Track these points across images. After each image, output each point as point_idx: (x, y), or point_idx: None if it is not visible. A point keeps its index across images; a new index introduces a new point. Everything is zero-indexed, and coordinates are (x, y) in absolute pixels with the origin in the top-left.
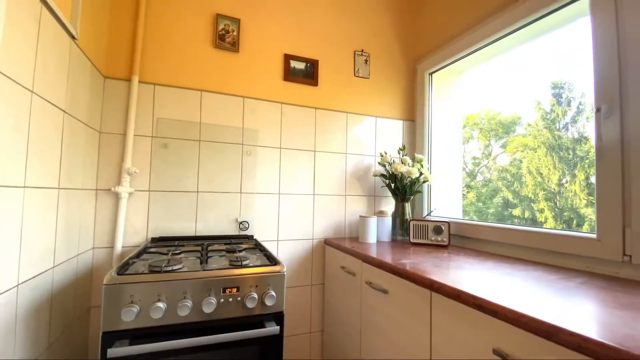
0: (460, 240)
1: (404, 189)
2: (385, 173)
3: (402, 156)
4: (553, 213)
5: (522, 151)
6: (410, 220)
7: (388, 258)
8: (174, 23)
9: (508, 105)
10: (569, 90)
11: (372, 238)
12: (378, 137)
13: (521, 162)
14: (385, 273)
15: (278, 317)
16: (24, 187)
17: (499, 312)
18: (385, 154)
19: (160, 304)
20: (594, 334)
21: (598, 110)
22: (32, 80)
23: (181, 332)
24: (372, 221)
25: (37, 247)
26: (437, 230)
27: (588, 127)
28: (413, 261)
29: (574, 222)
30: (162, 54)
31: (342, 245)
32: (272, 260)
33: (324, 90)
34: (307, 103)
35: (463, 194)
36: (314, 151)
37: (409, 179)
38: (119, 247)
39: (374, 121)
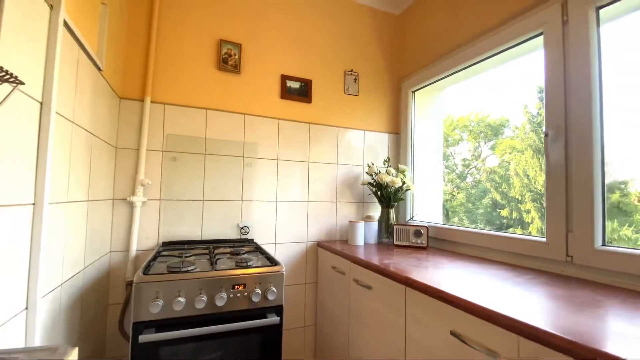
0: (438, 242)
1: (388, 196)
2: (372, 182)
3: (387, 167)
4: (539, 214)
5: (510, 153)
6: (394, 224)
7: (373, 259)
8: (181, 48)
9: (497, 108)
10: None
11: (360, 241)
12: (366, 148)
13: (509, 163)
14: (370, 272)
15: (278, 310)
16: (67, 202)
17: (454, 301)
18: (372, 164)
19: (181, 299)
20: (522, 317)
21: (546, 135)
22: (73, 113)
23: (198, 322)
24: (360, 225)
25: (74, 252)
26: (417, 233)
27: None
28: (394, 261)
29: None
30: (171, 76)
31: (333, 247)
32: (272, 262)
33: (317, 107)
34: (302, 119)
35: (454, 195)
36: (308, 162)
37: (393, 188)
38: (133, 250)
39: (362, 134)
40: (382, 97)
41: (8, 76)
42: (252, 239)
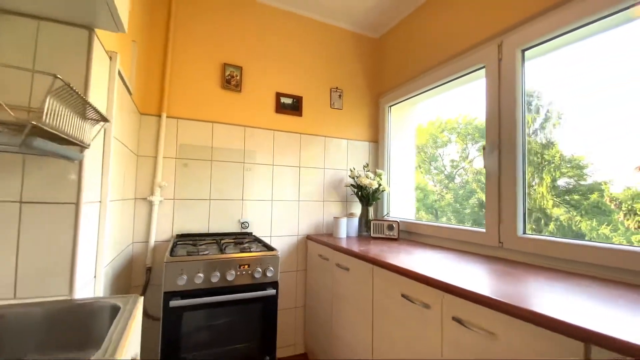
0: (408, 234)
1: (367, 196)
2: (354, 184)
3: (366, 171)
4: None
5: None
6: (372, 220)
7: (352, 247)
8: (191, 71)
9: (484, 111)
10: (537, 98)
11: (343, 234)
12: (349, 155)
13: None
14: (348, 257)
15: (274, 285)
16: (113, 200)
17: (404, 272)
18: (354, 169)
19: (200, 275)
20: (445, 279)
21: (484, 148)
22: (120, 132)
23: (213, 293)
24: (343, 221)
25: (114, 240)
26: (390, 227)
27: (555, 133)
28: (368, 248)
29: (542, 222)
30: (183, 95)
31: (320, 239)
32: (269, 248)
33: (307, 119)
34: (294, 129)
35: (442, 195)
36: (299, 167)
37: (370, 189)
38: (152, 241)
39: (346, 143)
40: (363, 110)
41: (103, 118)
42: (251, 232)
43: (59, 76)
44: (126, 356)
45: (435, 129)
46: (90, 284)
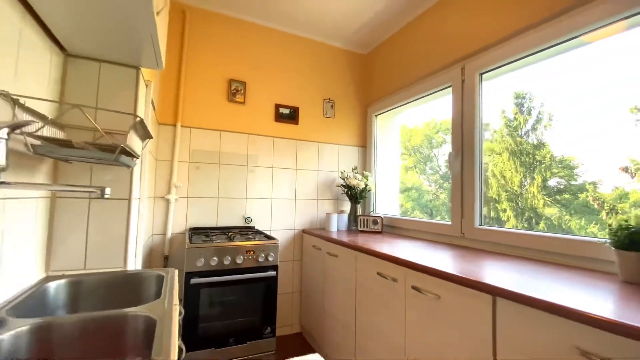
0: (391, 228)
1: (355, 195)
2: (344, 184)
3: (355, 173)
4: (514, 212)
5: (489, 155)
6: (359, 215)
7: (341, 238)
8: (202, 87)
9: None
10: (529, 100)
11: (334, 228)
12: (340, 158)
13: (487, 164)
14: (337, 246)
15: (275, 267)
16: (147, 197)
17: (378, 255)
18: (344, 171)
19: (215, 258)
20: (409, 258)
21: (450, 154)
22: (149, 144)
23: (226, 273)
24: (334, 217)
25: (143, 231)
26: (375, 222)
27: (546, 135)
28: (354, 239)
29: (533, 220)
30: (195, 107)
31: (314, 232)
32: (270, 238)
33: (303, 127)
34: (291, 136)
35: (437, 195)
36: (296, 169)
37: (358, 189)
38: (169, 234)
39: (337, 148)
40: (353, 119)
41: (149, 135)
42: (254, 227)
43: (139, 116)
44: (175, 302)
45: (430, 130)
46: (133, 260)
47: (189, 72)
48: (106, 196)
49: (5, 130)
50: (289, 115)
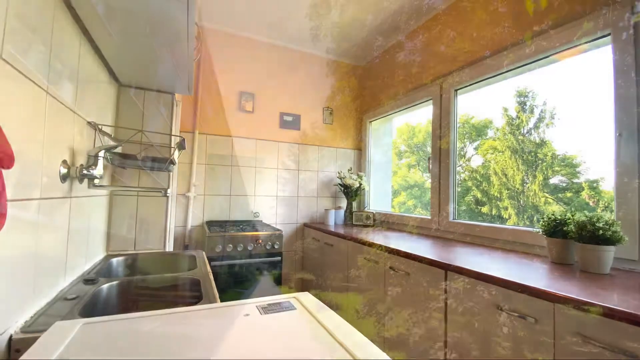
0: (383, 223)
1: (350, 193)
2: (341, 184)
3: (350, 173)
4: (516, 210)
5: (492, 153)
6: (354, 211)
7: (338, 231)
8: (216, 99)
9: (480, 110)
10: (532, 98)
11: (331, 222)
12: (338, 160)
13: (489, 162)
14: (334, 237)
15: (280, 254)
16: (175, 194)
17: (366, 243)
18: (341, 172)
19: (230, 245)
20: (390, 245)
21: (429, 159)
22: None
23: (239, 257)
24: (332, 212)
25: (173, 221)
26: (367, 217)
27: (548, 133)
28: (348, 232)
29: (534, 218)
30: (210, 117)
31: (314, 226)
32: (276, 229)
33: (304, 133)
34: (294, 141)
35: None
36: (298, 170)
37: (353, 188)
38: (189, 226)
39: (335, 151)
40: (349, 124)
41: (184, 147)
42: (261, 220)
43: (182, 137)
44: (208, 269)
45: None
46: (169, 244)
47: (204, 84)
48: (168, 194)
49: (103, 151)
50: (292, 122)
